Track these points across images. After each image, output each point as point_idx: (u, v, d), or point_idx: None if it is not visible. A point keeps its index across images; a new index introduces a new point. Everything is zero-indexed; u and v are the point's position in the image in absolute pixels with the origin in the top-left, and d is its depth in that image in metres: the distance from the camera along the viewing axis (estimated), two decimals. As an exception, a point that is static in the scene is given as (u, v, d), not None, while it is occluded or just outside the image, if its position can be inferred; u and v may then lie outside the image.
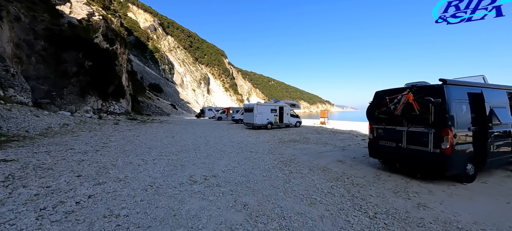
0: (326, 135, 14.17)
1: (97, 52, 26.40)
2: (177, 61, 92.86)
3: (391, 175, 5.55)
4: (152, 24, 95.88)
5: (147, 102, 51.39)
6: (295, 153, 8.39)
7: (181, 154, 7.57)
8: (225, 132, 15.71)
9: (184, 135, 12.84)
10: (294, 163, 6.82)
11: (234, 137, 12.93)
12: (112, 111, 26.22)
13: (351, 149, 9.39)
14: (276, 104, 18.17)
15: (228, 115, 31.71)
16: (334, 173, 5.80)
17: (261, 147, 9.46)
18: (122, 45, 36.35)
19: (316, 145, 10.39)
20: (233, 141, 11.20)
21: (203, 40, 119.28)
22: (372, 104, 6.11)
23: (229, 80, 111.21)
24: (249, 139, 12.15)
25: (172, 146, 8.96)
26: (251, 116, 17.25)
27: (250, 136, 13.59)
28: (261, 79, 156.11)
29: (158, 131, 14.33)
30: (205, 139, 11.58)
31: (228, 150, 8.52)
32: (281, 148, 9.52)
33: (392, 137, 5.60)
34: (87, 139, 9.59)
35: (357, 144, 10.75)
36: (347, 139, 12.61)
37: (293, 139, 12.38)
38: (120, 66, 33.39)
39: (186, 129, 16.90)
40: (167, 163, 6.22)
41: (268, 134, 14.51)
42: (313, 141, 11.66)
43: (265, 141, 11.50)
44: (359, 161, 7.20)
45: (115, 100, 28.23)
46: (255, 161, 6.93)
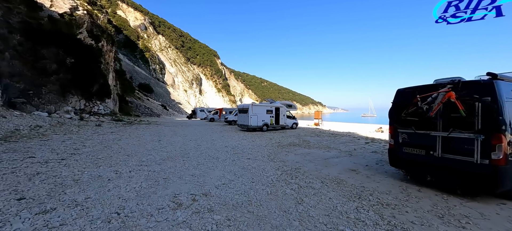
0: (326, 138, 13.22)
1: (80, 48, 24.53)
2: (169, 61, 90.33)
3: (421, 190, 4.56)
4: (142, 23, 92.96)
5: (136, 102, 49.24)
6: (299, 160, 7.31)
7: (166, 162, 6.32)
8: (218, 134, 14.49)
9: (173, 138, 11.53)
10: (300, 173, 5.73)
11: (228, 140, 11.74)
12: (96, 112, 24.38)
13: (358, 154, 8.41)
14: (272, 105, 17.11)
15: (220, 116, 30.39)
16: (352, 186, 4.75)
17: (259, 153, 8.34)
18: (109, 42, 34.37)
19: (319, 149, 9.37)
20: (227, 145, 10.01)
21: (195, 40, 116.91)
22: (397, 104, 5.12)
23: (221, 81, 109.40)
24: (245, 142, 11.00)
25: (156, 152, 7.68)
26: (246, 117, 16.11)
27: (245, 139, 12.44)
28: (254, 80, 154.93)
29: (143, 134, 12.93)
30: (195, 142, 10.34)
31: (222, 157, 7.33)
32: (281, 153, 8.43)
33: (421, 143, 4.61)
34: (57, 144, 8.15)
35: (363, 148, 9.82)
36: (350, 142, 11.69)
37: (292, 142, 11.33)
38: (106, 65, 31.47)
39: (175, 131, 15.53)
40: (146, 176, 4.97)
41: (264, 137, 13.40)
42: (314, 144, 10.65)
43: (262, 145, 10.38)
44: (374, 170, 6.20)
45: (99, 100, 26.36)
46: (255, 171, 5.79)
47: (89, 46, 25.54)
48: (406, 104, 4.80)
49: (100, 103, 26.30)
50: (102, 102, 26.82)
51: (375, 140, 12.54)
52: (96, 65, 26.38)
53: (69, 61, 22.60)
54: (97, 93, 25.95)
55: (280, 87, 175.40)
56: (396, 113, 5.09)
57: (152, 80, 74.89)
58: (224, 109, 31.27)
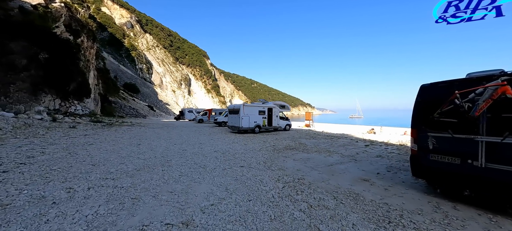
0: (323, 140, 12.36)
1: (56, 43, 22.40)
2: (156, 60, 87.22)
3: (457, 207, 3.67)
4: (128, 21, 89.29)
5: (121, 103, 46.67)
6: (300, 167, 6.30)
7: (141, 174, 5.09)
8: (207, 136, 13.25)
9: (155, 142, 10.19)
10: (305, 185, 4.72)
11: (217, 143, 10.56)
12: (73, 113, 22.29)
13: (363, 159, 7.54)
14: (264, 106, 16.08)
15: (210, 117, 28.98)
16: (373, 204, 3.79)
17: (254, 158, 7.26)
18: (89, 38, 32.10)
19: (319, 153, 8.43)
20: (217, 149, 8.84)
21: (184, 40, 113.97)
22: (424, 102, 4.23)
23: (211, 81, 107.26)
24: (236, 146, 9.87)
25: (131, 160, 6.39)
26: (237, 118, 14.97)
27: (236, 142, 11.31)
28: (244, 81, 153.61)
29: (122, 137, 11.46)
30: (180, 146, 9.08)
31: (210, 165, 6.18)
32: (279, 158, 7.40)
33: (455, 150, 3.74)
34: (9, 151, 6.64)
35: (365, 151, 8.99)
36: (348, 144, 10.87)
37: (288, 145, 10.34)
38: (86, 62, 29.25)
39: (159, 133, 14.11)
40: (109, 195, 3.75)
41: (257, 139, 12.33)
42: (312, 148, 9.71)
43: (255, 148, 9.30)
44: (389, 179, 5.30)
45: (77, 100, 24.23)
46: (251, 183, 4.71)
47: (65, 41, 23.39)
48: (437, 102, 3.92)
49: (78, 103, 24.17)
50: (80, 102, 24.69)
51: (374, 142, 11.82)
52: (73, 61, 24.22)
53: (43, 57, 20.49)
54: (74, 92, 23.82)
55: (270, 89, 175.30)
56: (422, 113, 4.21)
57: (138, 80, 71.86)
58: (213, 110, 29.88)
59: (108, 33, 77.87)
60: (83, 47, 29.42)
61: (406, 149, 9.51)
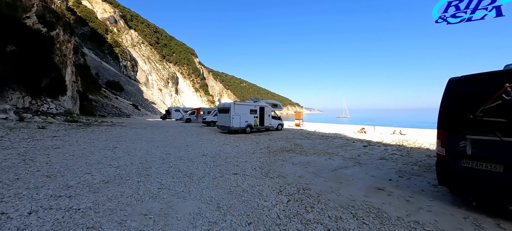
0: (318, 141, 11.69)
1: (26, 35, 20.25)
2: (142, 58, 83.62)
3: (501, 225, 3.00)
4: (112, 16, 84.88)
5: (103, 101, 44.04)
6: (301, 173, 5.49)
7: (109, 187, 4.03)
8: (194, 137, 12.15)
9: (135, 144, 8.99)
10: (313, 198, 3.90)
11: (206, 145, 9.53)
12: (46, 112, 20.23)
13: (367, 162, 6.87)
14: (256, 104, 15.19)
15: (198, 116, 27.65)
16: (402, 224, 3.03)
17: (248, 163, 6.35)
18: (66, 31, 29.63)
19: (318, 156, 7.67)
20: (206, 152, 7.84)
21: (171, 37, 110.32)
22: (458, 98, 3.53)
23: (199, 80, 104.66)
24: (227, 148, 8.91)
25: (100, 168, 5.27)
26: (227, 117, 13.98)
27: (227, 143, 10.34)
28: (233, 81, 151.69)
29: (98, 139, 10.12)
30: (164, 150, 7.97)
31: (198, 173, 5.20)
32: (276, 163, 6.55)
33: (497, 156, 3.07)
34: None
35: (366, 153, 8.36)
36: (346, 145, 10.25)
37: (284, 147, 9.53)
38: (62, 57, 26.92)
39: (141, 134, 12.81)
40: (55, 224, 2.71)
41: (249, 140, 11.43)
42: (309, 150, 8.96)
43: (249, 151, 8.40)
44: (405, 186, 4.61)
45: (51, 98, 22.10)
46: (248, 197, 3.82)
47: (37, 33, 21.20)
48: (474, 99, 3.23)
49: (52, 101, 22.05)
50: (54, 100, 22.56)
51: (371, 143, 11.31)
52: (47, 55, 22.04)
53: (10, 49, 18.38)
54: (47, 89, 21.68)
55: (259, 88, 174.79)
56: (454, 111, 3.52)
57: (122, 77, 68.46)
58: (202, 109, 28.56)
59: (89, 28, 73.57)
60: (59, 40, 27.06)
61: (408, 150, 9.01)
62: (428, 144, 11.10)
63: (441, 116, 3.73)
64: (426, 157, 7.53)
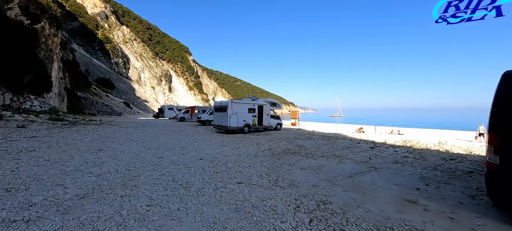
0: (321, 141, 11.04)
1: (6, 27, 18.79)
2: (134, 55, 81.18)
3: None
4: (103, 11, 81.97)
5: (92, 99, 42.19)
6: (315, 181, 4.77)
7: (83, 205, 3.17)
8: (190, 138, 11.26)
9: (123, 146, 8.05)
10: (339, 215, 3.16)
11: (203, 147, 8.69)
12: (29, 109, 18.83)
13: (382, 166, 6.21)
14: (254, 103, 14.40)
15: (192, 115, 26.60)
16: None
17: (253, 168, 5.58)
18: (52, 24, 27.93)
19: (327, 159, 6.98)
20: (203, 155, 7.01)
21: (164, 34, 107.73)
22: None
23: (193, 78, 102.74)
24: (226, 150, 8.10)
25: (78, 177, 4.38)
26: (224, 116, 13.14)
27: (225, 144, 9.52)
28: (227, 79, 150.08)
29: (82, 139, 9.10)
30: (156, 153, 7.09)
31: (195, 182, 4.39)
32: (283, 168, 5.81)
33: None
34: None
35: (376, 155, 7.73)
36: (352, 146, 9.63)
37: (287, 148, 8.80)
38: (48, 51, 25.32)
39: (132, 134, 11.81)
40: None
41: (248, 141, 10.65)
42: (315, 152, 8.27)
43: (250, 153, 7.62)
44: (438, 198, 3.94)
45: (35, 94, 20.64)
46: (260, 216, 3.04)
47: (18, 25, 19.68)
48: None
49: (36, 98, 20.61)
50: (38, 97, 21.10)
51: (377, 144, 10.75)
52: (30, 49, 20.53)
53: (-12, 43, 16.98)
54: (30, 85, 20.23)
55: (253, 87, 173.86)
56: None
57: (113, 75, 66.22)
58: (196, 107, 27.51)
59: (79, 23, 70.75)
60: (44, 34, 25.44)
61: (419, 152, 8.46)
62: (432, 145, 10.64)
63: (494, 117, 3.08)
64: (442, 161, 6.96)
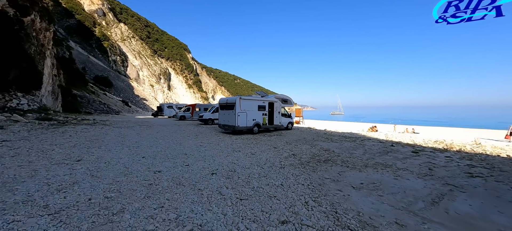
0: (347, 144, 9.33)
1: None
2: (132, 52, 78.80)
3: None
4: (100, 8, 79.30)
5: (89, 97, 40.18)
6: (391, 213, 3.07)
7: None
8: (193, 140, 9.51)
9: (111, 153, 6.29)
10: None
11: (211, 153, 6.95)
12: (15, 108, 16.94)
13: (458, 180, 4.53)
14: (264, 99, 12.64)
15: (193, 114, 24.80)
16: None
17: (287, 188, 3.87)
18: (44, 18, 25.79)
19: (375, 170, 5.28)
20: (214, 166, 5.27)
21: (163, 31, 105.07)
22: None
23: (193, 76, 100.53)
24: (241, 158, 6.37)
25: (16, 217, 2.67)
26: (231, 115, 11.40)
27: (237, 149, 7.79)
28: (226, 77, 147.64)
29: (63, 144, 7.32)
30: (152, 163, 5.35)
31: (214, 225, 2.69)
32: (328, 187, 4.12)
33: None
34: None
35: (433, 163, 6.06)
36: (390, 151, 7.95)
37: (313, 154, 7.10)
38: (39, 46, 23.29)
39: (125, 136, 10.04)
40: None
41: (263, 144, 8.92)
42: (351, 159, 6.57)
43: (274, 162, 5.90)
44: None
45: (22, 92, 18.70)
46: None
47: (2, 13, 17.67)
48: None
49: (23, 95, 18.66)
50: (26, 95, 19.15)
51: (417, 147, 9.10)
52: (16, 43, 18.56)
53: (-34, 34, 15.06)
54: (17, 81, 18.31)
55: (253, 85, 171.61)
56: None
57: (111, 73, 64.03)
58: (197, 105, 25.71)
59: (75, 21, 68.28)
60: (35, 28, 23.34)
61: (480, 158, 6.79)
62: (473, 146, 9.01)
63: None
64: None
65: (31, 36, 22.25)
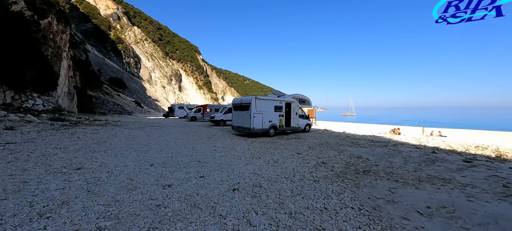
0: (380, 150, 8.17)
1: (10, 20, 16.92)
2: (145, 55, 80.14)
3: None
4: (115, 12, 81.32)
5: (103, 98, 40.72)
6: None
7: None
8: (206, 144, 8.68)
9: (116, 160, 5.54)
10: None
11: (228, 160, 6.06)
12: (30, 108, 16.91)
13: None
14: (281, 99, 11.67)
15: (204, 115, 24.18)
16: None
17: (334, 213, 2.89)
18: (60, 21, 26.11)
19: (435, 187, 4.16)
20: (235, 179, 4.36)
21: (174, 34, 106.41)
22: None
23: (203, 77, 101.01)
24: (263, 166, 5.43)
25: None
26: (246, 116, 10.51)
27: (257, 155, 6.86)
28: (236, 78, 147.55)
29: (68, 147, 6.70)
30: (160, 174, 4.50)
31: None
32: (387, 209, 3.08)
33: None
34: None
35: (501, 178, 4.89)
36: (433, 159, 6.75)
37: (346, 162, 6.05)
38: (56, 48, 23.49)
39: (135, 138, 9.38)
40: None
41: (283, 149, 7.95)
42: (392, 169, 5.47)
43: (303, 173, 4.92)
44: None
45: (38, 93, 18.73)
46: None
47: (18, 16, 17.76)
48: None
49: (39, 96, 18.67)
50: (42, 95, 19.17)
51: (467, 155, 7.81)
52: (31, 44, 18.62)
53: (-17, 35, 15.12)
54: (33, 82, 18.32)
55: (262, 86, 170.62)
56: None
57: (125, 74, 65.23)
58: (208, 106, 25.07)
59: (92, 25, 70.18)
60: (51, 30, 23.55)
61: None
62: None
63: None
64: None
65: (48, 38, 22.43)
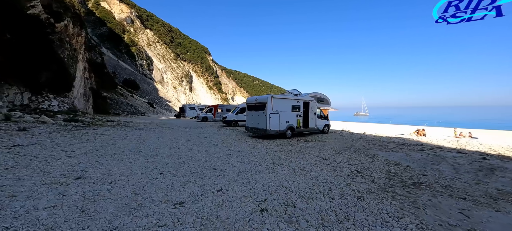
0: (417, 155, 7.11)
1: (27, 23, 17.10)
2: (157, 56, 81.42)
3: None
4: (128, 16, 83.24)
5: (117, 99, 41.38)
6: None
7: None
8: (220, 147, 7.97)
9: (123, 165, 4.92)
10: None
11: (246, 167, 5.29)
12: (46, 109, 17.02)
13: None
14: (299, 98, 10.78)
15: (215, 115, 23.62)
16: None
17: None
18: (76, 24, 26.47)
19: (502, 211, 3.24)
20: (256, 190, 3.58)
21: (185, 36, 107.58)
22: None
23: (213, 78, 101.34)
24: (289, 175, 4.60)
25: None
26: (261, 116, 9.71)
27: (278, 161, 6.04)
28: (245, 79, 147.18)
29: (75, 151, 6.20)
30: (171, 184, 3.79)
31: None
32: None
33: None
34: None
35: None
36: (487, 167, 5.65)
37: (386, 170, 5.10)
38: (72, 51, 23.81)
39: (146, 139, 8.83)
40: None
41: (306, 154, 7.07)
42: (445, 181, 4.48)
43: (339, 185, 4.05)
44: None
45: (53, 94, 18.89)
46: None
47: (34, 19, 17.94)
48: None
49: (54, 97, 18.81)
50: (57, 97, 19.33)
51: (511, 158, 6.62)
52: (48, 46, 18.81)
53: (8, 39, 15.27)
54: (49, 84, 18.47)
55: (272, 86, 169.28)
56: None
57: (138, 76, 66.47)
58: (220, 106, 24.51)
59: (107, 29, 72.10)
60: (68, 33, 23.85)
61: None
62: None
63: None
64: None
65: (65, 41, 22.68)
